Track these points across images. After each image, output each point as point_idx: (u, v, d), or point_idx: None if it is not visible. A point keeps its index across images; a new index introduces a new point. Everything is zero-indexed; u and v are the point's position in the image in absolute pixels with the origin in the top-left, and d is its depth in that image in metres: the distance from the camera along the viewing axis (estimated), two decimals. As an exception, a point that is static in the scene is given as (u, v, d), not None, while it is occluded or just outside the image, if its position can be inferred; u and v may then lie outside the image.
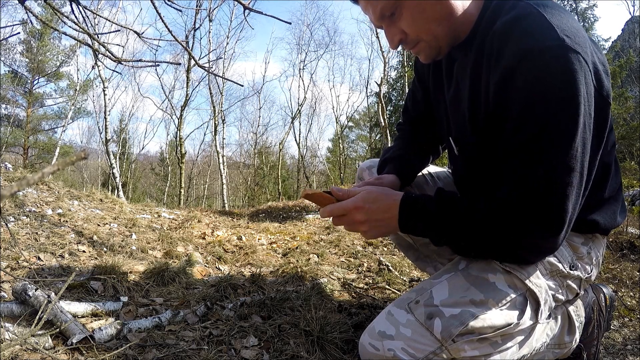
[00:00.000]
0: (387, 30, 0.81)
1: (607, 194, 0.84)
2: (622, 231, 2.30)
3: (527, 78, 0.64)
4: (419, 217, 0.75)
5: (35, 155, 16.97)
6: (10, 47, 15.56)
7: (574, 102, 0.63)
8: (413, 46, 0.82)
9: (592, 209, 0.82)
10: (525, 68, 0.64)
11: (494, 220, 0.69)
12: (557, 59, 0.62)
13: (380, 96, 10.98)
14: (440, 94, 0.96)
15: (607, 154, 0.81)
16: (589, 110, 0.65)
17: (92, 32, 1.19)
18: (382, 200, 0.77)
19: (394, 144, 1.19)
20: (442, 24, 0.77)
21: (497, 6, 0.75)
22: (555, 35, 0.63)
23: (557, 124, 0.64)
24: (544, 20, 0.65)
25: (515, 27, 0.67)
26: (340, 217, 0.79)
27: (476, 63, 0.77)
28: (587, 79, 0.64)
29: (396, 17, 0.78)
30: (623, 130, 10.27)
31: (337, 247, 2.33)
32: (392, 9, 0.77)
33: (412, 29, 0.78)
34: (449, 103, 0.91)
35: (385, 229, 0.79)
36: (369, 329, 0.77)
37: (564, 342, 0.89)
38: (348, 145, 25.80)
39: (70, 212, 2.26)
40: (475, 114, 0.79)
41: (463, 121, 0.84)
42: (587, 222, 0.81)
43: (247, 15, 1.30)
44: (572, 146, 0.64)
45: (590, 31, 18.44)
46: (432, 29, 0.77)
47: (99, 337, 0.98)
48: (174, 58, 15.29)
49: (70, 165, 0.25)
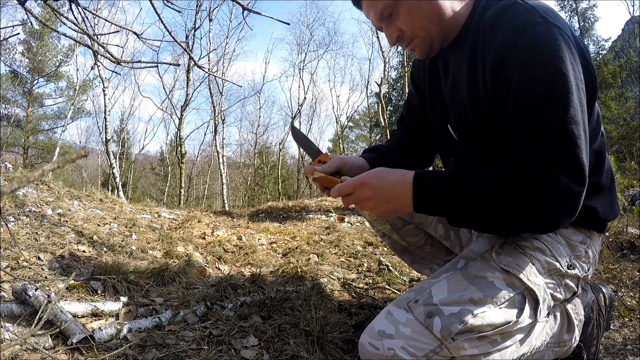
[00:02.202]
0: (386, 30, 0.91)
1: (603, 181, 0.87)
2: (622, 231, 2.30)
3: (521, 49, 0.72)
4: (437, 190, 0.73)
5: (35, 155, 16.97)
6: (10, 47, 15.57)
7: (562, 62, 0.70)
8: (409, 42, 0.90)
9: (590, 195, 0.81)
10: (518, 41, 0.72)
11: (519, 179, 0.69)
12: (544, 31, 0.71)
13: (381, 96, 10.99)
14: (436, 89, 1.01)
15: (598, 142, 0.86)
16: (579, 75, 0.72)
17: (91, 33, 1.19)
18: (388, 176, 0.78)
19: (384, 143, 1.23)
20: (434, 21, 0.86)
21: (484, 7, 0.84)
22: (538, 14, 0.73)
23: (554, 83, 0.69)
24: (528, 5, 0.76)
25: (503, 13, 0.77)
26: (348, 195, 0.81)
27: (471, 53, 0.84)
28: (571, 48, 0.73)
29: (394, 17, 0.87)
30: (623, 130, 10.28)
31: (337, 247, 2.33)
32: (390, 9, 0.86)
33: (408, 26, 0.87)
34: (447, 94, 0.96)
35: (395, 206, 0.78)
36: (369, 328, 0.78)
37: (563, 341, 0.89)
38: (348, 145, 25.83)
39: (70, 212, 2.26)
40: (475, 96, 0.84)
41: (463, 107, 0.89)
42: (587, 209, 0.80)
43: (246, 17, 1.30)
44: (572, 102, 0.69)
45: (590, 31, 18.45)
46: (426, 25, 0.87)
47: (99, 337, 0.98)
48: (174, 58, 15.30)
49: (71, 162, 0.26)
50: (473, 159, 0.91)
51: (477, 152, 0.89)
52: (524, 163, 0.70)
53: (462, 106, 0.89)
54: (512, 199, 0.69)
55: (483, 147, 0.87)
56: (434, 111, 1.03)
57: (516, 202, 0.69)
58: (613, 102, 12.50)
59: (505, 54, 0.74)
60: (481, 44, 0.80)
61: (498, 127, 0.79)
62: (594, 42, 18.77)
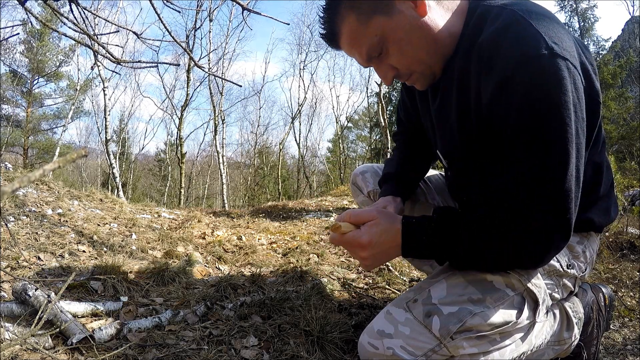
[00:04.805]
0: (377, 69, 0.81)
1: (602, 191, 0.86)
2: (622, 231, 2.30)
3: (523, 85, 0.64)
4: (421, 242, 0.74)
5: (35, 156, 16.96)
6: (10, 47, 15.56)
7: (566, 109, 0.64)
8: (407, 78, 0.82)
9: (586, 208, 0.83)
10: (521, 76, 0.64)
11: (501, 226, 0.69)
12: (549, 67, 0.63)
13: (381, 96, 10.97)
14: (425, 107, 0.96)
15: (598, 154, 0.83)
16: (582, 115, 0.66)
17: (91, 33, 1.19)
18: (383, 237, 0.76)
19: (393, 155, 1.20)
20: (430, 52, 0.77)
21: (480, 17, 0.74)
22: (544, 43, 0.64)
23: (552, 129, 0.64)
24: (532, 27, 0.65)
25: (504, 35, 0.67)
26: (345, 248, 0.81)
27: (462, 74, 0.76)
28: (577, 85, 0.65)
29: (383, 55, 0.78)
30: (623, 130, 10.28)
31: (337, 247, 2.33)
32: (378, 50, 0.77)
33: (402, 63, 0.79)
34: (435, 116, 0.90)
35: (386, 260, 0.81)
36: (368, 328, 0.78)
37: (563, 339, 0.89)
38: (348, 146, 25.83)
39: (70, 212, 2.26)
40: (465, 124, 0.79)
41: (451, 132, 0.83)
42: (582, 220, 0.82)
43: (246, 17, 1.30)
44: (569, 150, 0.65)
45: (591, 31, 18.44)
46: (422, 57, 0.78)
47: (99, 337, 0.98)
48: (175, 57, 15.31)
49: (71, 162, 0.26)
50: (463, 187, 0.91)
51: (466, 180, 0.87)
52: (510, 210, 0.68)
53: (450, 129, 0.84)
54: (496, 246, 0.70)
55: (471, 177, 0.84)
56: (427, 127, 0.99)
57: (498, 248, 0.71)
58: (613, 102, 12.51)
59: (506, 85, 0.66)
60: (476, 66, 0.71)
61: (488, 156, 0.75)
62: (594, 42, 18.77)
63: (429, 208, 1.19)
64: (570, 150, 0.65)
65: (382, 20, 0.74)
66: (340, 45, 0.80)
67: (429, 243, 0.74)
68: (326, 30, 0.79)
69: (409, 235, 0.75)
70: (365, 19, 0.74)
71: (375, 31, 0.74)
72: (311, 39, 21.54)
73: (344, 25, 0.76)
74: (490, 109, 0.70)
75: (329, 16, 0.77)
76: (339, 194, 6.16)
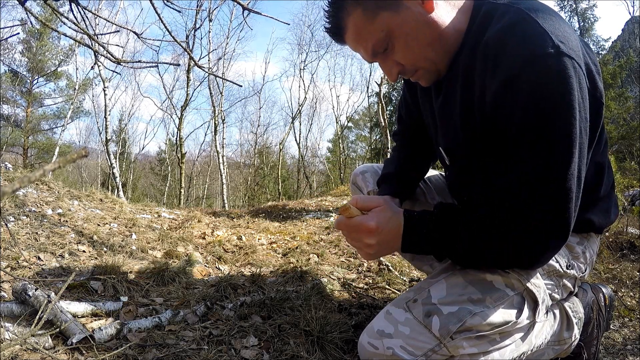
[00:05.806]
0: (382, 65, 0.81)
1: (602, 192, 0.86)
2: (622, 231, 2.30)
3: (529, 84, 0.64)
4: (421, 235, 0.75)
5: (35, 156, 16.96)
6: (10, 47, 15.56)
7: (571, 109, 0.63)
8: (412, 74, 0.82)
9: (587, 209, 0.83)
10: (527, 74, 0.64)
11: (501, 227, 0.69)
12: (556, 66, 0.63)
13: (381, 96, 10.98)
14: (428, 104, 0.95)
15: (600, 154, 0.83)
16: (585, 115, 0.66)
17: (91, 33, 1.19)
18: (389, 225, 0.76)
19: (392, 155, 1.19)
20: (436, 48, 0.77)
21: (486, 14, 0.73)
22: (551, 41, 0.63)
23: (556, 128, 0.64)
24: (538, 26, 0.65)
25: (510, 34, 0.67)
26: (349, 233, 0.79)
27: (467, 71, 0.75)
28: (582, 84, 0.65)
29: (389, 50, 0.77)
30: (623, 130, 10.28)
31: (337, 247, 2.33)
32: (384, 45, 0.76)
33: (408, 59, 0.78)
34: (438, 113, 0.89)
35: (388, 251, 0.81)
36: (368, 328, 0.78)
37: (563, 339, 0.89)
38: (348, 146, 25.82)
39: (70, 212, 2.26)
40: (468, 121, 0.78)
41: (454, 130, 0.83)
42: (582, 221, 0.82)
43: (246, 17, 1.30)
44: (572, 150, 0.65)
45: (590, 31, 18.46)
46: (427, 54, 0.77)
47: (99, 337, 0.98)
48: (175, 57, 15.29)
49: (72, 162, 0.26)
50: (464, 185, 0.91)
51: (468, 178, 0.87)
52: (510, 210, 0.68)
53: (453, 126, 0.83)
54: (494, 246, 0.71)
55: (474, 175, 0.84)
56: (428, 124, 0.99)
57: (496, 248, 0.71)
58: (613, 102, 12.51)
59: (512, 83, 0.66)
60: (481, 63, 0.71)
61: (491, 154, 0.74)
62: (594, 42, 18.79)
63: (429, 208, 1.19)
64: (574, 151, 0.65)
65: (388, 16, 0.73)
66: (345, 40, 0.80)
67: (429, 237, 0.74)
68: (331, 25, 0.79)
69: (410, 228, 0.75)
70: (372, 14, 0.73)
71: (381, 27, 0.74)
72: (311, 39, 21.58)
73: (350, 20, 0.76)
74: (494, 107, 0.70)
75: (335, 10, 0.77)
76: (339, 194, 6.17)
